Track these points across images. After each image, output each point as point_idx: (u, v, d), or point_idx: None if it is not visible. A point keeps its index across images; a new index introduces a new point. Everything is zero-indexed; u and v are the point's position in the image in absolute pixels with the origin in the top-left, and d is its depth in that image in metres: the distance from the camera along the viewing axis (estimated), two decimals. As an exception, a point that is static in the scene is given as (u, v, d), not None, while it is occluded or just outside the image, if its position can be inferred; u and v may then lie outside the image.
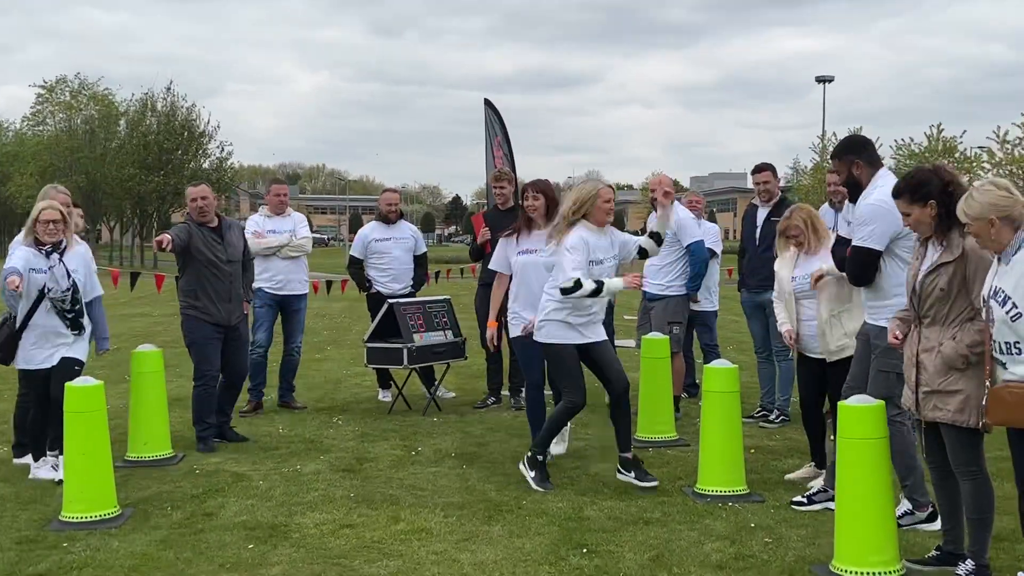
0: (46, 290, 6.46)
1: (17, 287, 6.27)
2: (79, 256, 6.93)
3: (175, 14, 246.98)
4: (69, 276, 6.55)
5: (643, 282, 6.49)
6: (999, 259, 4.30)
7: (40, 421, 6.69)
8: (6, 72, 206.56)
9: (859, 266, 5.50)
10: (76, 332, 6.64)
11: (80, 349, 6.69)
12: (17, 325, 6.51)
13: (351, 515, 6.03)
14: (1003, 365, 4.26)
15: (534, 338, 6.67)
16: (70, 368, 6.37)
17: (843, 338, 6.21)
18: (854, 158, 5.69)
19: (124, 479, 6.56)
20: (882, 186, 5.39)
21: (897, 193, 4.94)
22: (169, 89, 56.69)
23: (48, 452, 6.81)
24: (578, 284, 6.08)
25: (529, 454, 6.57)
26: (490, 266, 8.01)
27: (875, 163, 5.71)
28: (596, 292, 6.15)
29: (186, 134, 54.83)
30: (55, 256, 6.53)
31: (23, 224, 6.62)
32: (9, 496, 6.56)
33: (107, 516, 5.98)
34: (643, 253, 6.94)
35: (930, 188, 4.74)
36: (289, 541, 5.59)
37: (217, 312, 7.91)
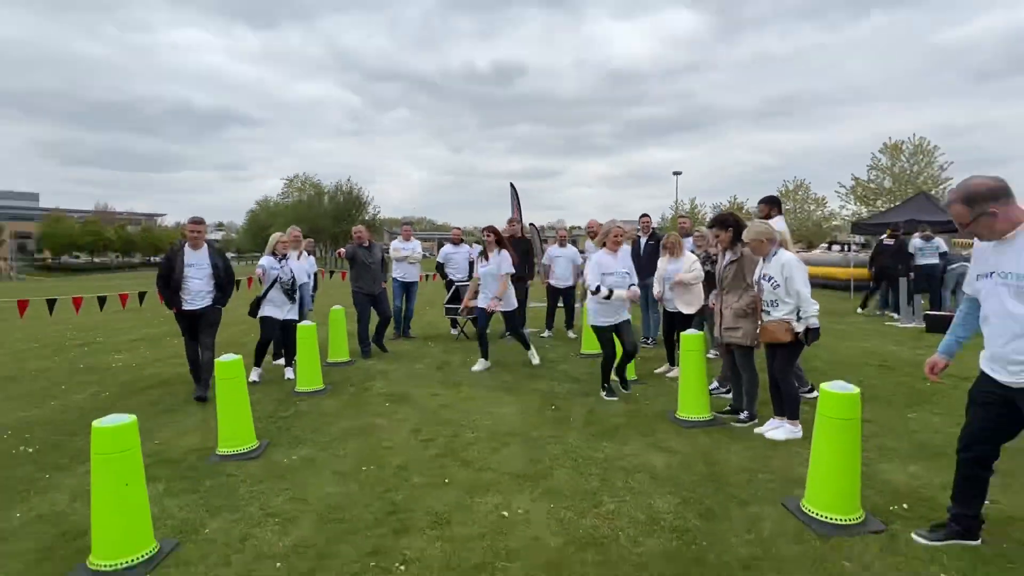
0: (277, 279, 6.48)
1: (260, 277, 6.50)
2: (299, 263, 6.99)
3: (356, 142, 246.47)
4: (291, 272, 6.57)
5: (637, 296, 5.59)
6: (764, 259, 4.42)
7: (264, 344, 6.63)
8: (268, 171, 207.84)
9: None
10: (292, 302, 6.63)
11: (293, 312, 6.69)
12: (261, 296, 6.53)
13: (438, 389, 6.07)
14: (767, 312, 4.36)
15: (589, 323, 5.67)
16: (291, 324, 6.43)
17: (687, 304, 6.23)
18: (772, 206, 5.60)
19: (326, 372, 6.62)
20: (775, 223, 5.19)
21: (711, 225, 5.02)
22: (348, 180, 57.09)
23: (285, 365, 6.88)
24: (598, 290, 5.33)
25: (604, 385, 5.65)
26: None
27: (780, 211, 5.62)
28: (607, 297, 5.33)
29: (356, 202, 54.77)
30: (283, 261, 6.57)
31: (274, 249, 6.68)
32: (274, 379, 6.64)
33: (319, 390, 6.07)
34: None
35: (729, 222, 4.82)
36: (408, 402, 5.64)
37: (368, 288, 7.97)
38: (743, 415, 4.78)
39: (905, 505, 3.34)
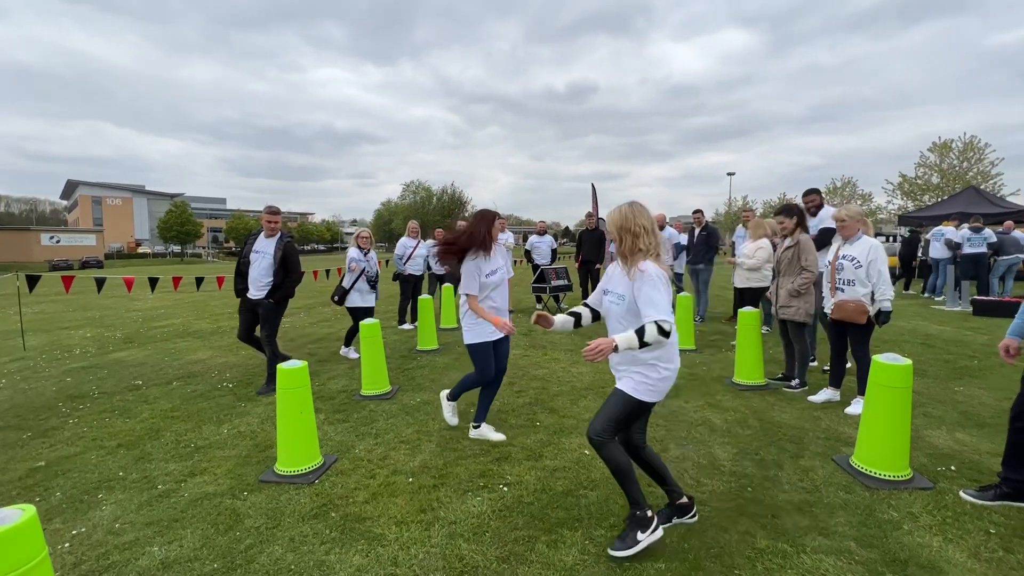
0: (363, 271, 5.71)
1: (352, 268, 5.65)
2: (374, 257, 5.97)
3: (457, 154, 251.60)
4: (374, 264, 5.85)
5: None
6: (848, 241, 3.85)
7: (356, 330, 5.88)
8: (391, 178, 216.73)
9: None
10: (373, 291, 5.80)
11: (372, 299, 5.78)
12: (347, 287, 5.70)
13: (527, 351, 6.09)
14: (842, 290, 3.87)
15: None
16: (371, 309, 5.77)
17: (746, 281, 5.95)
18: (817, 196, 5.07)
19: (440, 335, 6.78)
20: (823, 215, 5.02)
21: (778, 212, 4.56)
22: (452, 184, 58.24)
23: (403, 324, 7.01)
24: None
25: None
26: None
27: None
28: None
29: (458, 202, 55.84)
30: (367, 253, 5.81)
31: (397, 239, 6.47)
32: (401, 339, 6.84)
33: (434, 349, 6.22)
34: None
35: (795, 211, 4.44)
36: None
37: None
38: (794, 382, 4.48)
39: (952, 467, 3.02)
